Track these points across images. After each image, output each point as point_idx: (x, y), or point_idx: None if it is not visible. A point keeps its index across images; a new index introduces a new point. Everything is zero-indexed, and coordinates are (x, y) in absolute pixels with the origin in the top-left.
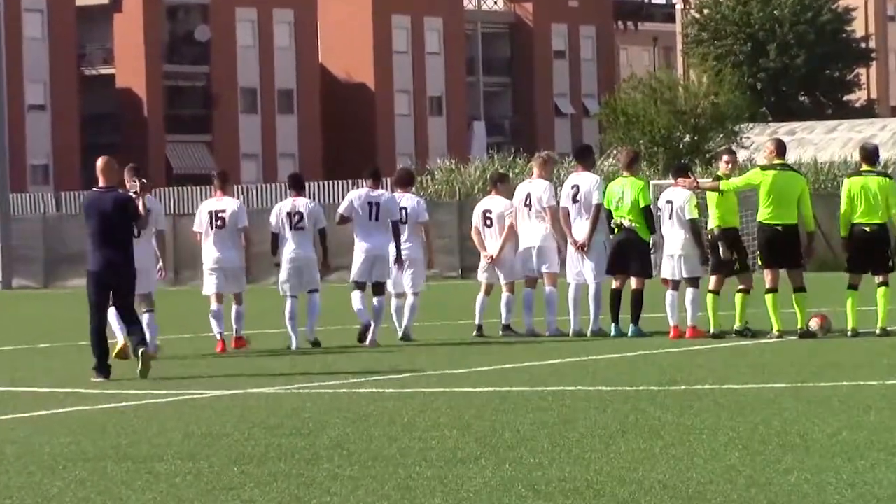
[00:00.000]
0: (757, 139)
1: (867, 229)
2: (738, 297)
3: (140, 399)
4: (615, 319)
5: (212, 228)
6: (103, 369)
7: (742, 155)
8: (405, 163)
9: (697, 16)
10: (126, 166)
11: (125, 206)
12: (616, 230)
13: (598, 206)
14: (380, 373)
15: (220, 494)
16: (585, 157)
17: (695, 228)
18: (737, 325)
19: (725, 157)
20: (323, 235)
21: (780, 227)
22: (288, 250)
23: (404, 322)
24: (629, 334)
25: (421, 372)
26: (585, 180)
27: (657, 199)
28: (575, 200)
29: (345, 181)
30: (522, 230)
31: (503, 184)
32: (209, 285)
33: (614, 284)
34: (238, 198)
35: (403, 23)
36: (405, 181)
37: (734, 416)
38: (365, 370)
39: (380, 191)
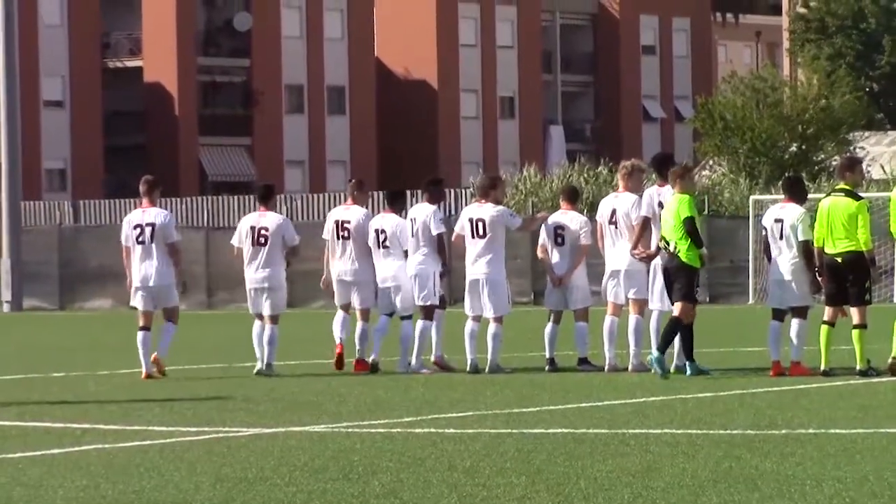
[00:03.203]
0: (873, 150)
1: None
2: (856, 333)
3: (167, 437)
4: (689, 356)
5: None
6: None
7: None
8: (472, 172)
9: (804, 11)
10: (159, 174)
11: None
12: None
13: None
14: (438, 410)
15: None
16: (663, 169)
17: (807, 251)
18: (859, 366)
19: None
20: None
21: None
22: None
23: (468, 354)
24: (687, 373)
25: (486, 411)
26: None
27: (760, 217)
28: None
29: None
30: (608, 251)
31: (575, 198)
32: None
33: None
34: (280, 210)
35: (472, 12)
36: (485, 191)
37: (841, 466)
38: (421, 407)
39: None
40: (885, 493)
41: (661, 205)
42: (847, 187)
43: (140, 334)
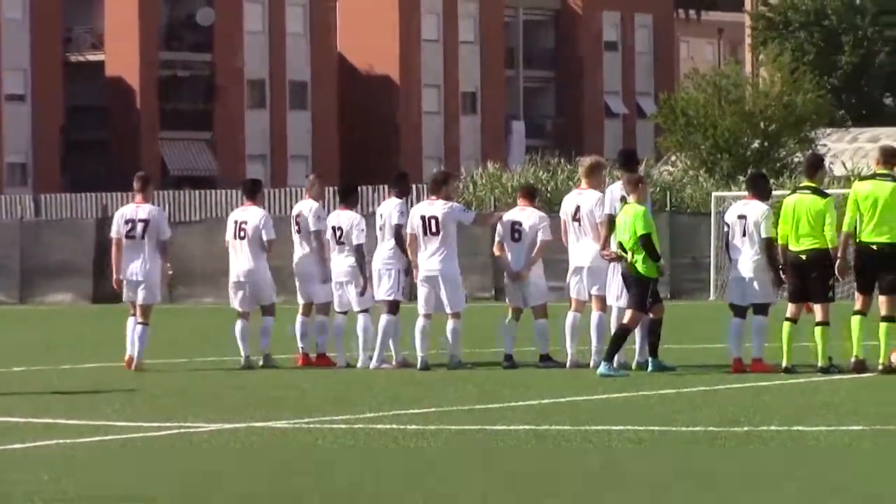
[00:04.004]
0: (834, 147)
1: None
2: (819, 330)
3: (129, 432)
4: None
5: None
6: None
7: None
8: (434, 167)
9: (764, 9)
10: (119, 169)
11: None
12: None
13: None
14: (400, 406)
15: None
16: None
17: (770, 248)
18: (820, 363)
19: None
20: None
21: (874, 246)
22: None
23: (419, 352)
24: (650, 369)
25: (448, 406)
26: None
27: (722, 213)
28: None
29: (361, 187)
30: (572, 248)
31: (533, 196)
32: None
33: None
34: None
35: (434, 7)
36: (436, 186)
37: (803, 463)
38: (383, 403)
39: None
40: (848, 490)
41: (623, 199)
42: (813, 185)
43: (138, 328)
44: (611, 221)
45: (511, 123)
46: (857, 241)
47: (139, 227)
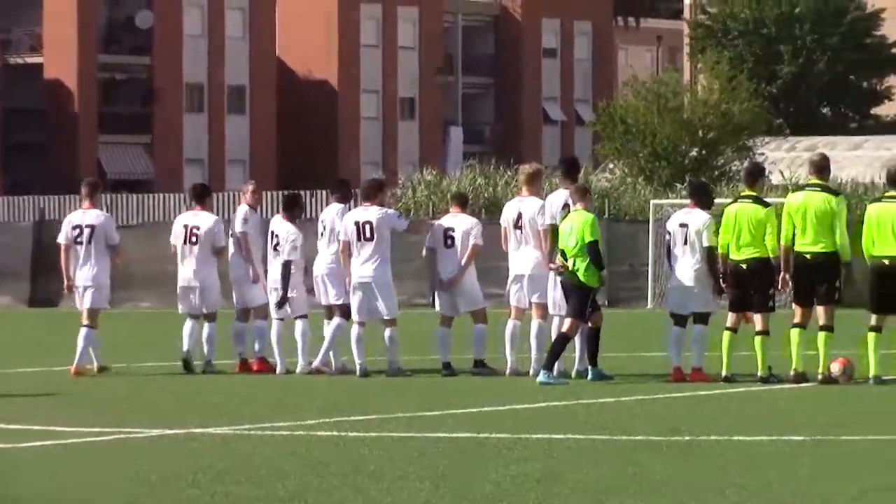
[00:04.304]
0: (772, 155)
1: (887, 263)
2: (758, 339)
3: (70, 437)
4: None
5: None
6: None
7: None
8: (372, 172)
9: (703, 17)
10: (57, 171)
11: None
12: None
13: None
14: (341, 413)
15: None
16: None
17: (711, 257)
18: (760, 373)
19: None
20: None
21: (808, 256)
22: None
23: (357, 359)
24: (589, 377)
25: (388, 413)
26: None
27: (660, 221)
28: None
29: (300, 192)
30: (512, 255)
31: (465, 204)
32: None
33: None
34: (179, 209)
35: (373, 12)
36: (371, 193)
37: (744, 473)
38: (323, 410)
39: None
40: (789, 499)
41: (566, 206)
42: (754, 193)
43: (83, 330)
44: (554, 231)
45: (449, 129)
46: (794, 252)
47: (86, 232)
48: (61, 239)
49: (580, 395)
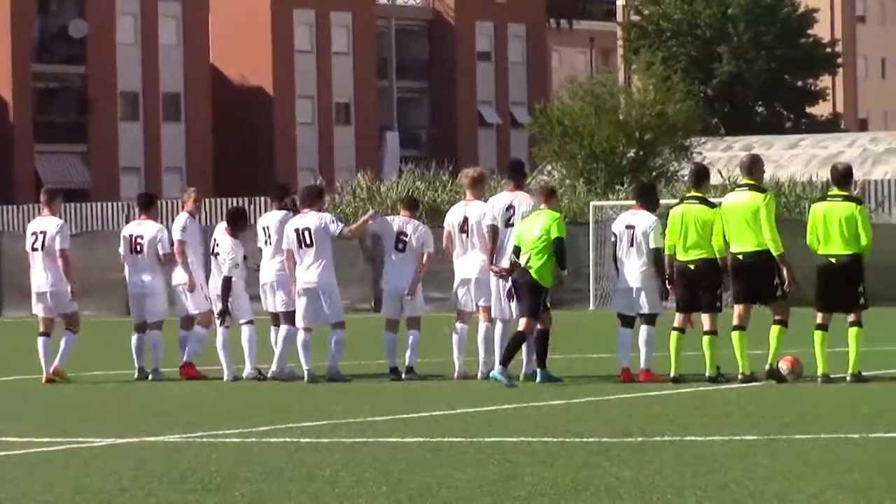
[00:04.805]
0: (710, 155)
1: (834, 262)
2: (706, 339)
3: (21, 448)
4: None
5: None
6: None
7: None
8: (309, 178)
9: (637, 18)
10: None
11: None
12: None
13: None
14: (292, 419)
15: None
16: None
17: (658, 259)
18: (708, 373)
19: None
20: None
21: (741, 256)
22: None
23: (304, 364)
24: (538, 380)
25: (339, 419)
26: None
27: (600, 223)
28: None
29: (238, 198)
30: (458, 259)
31: (415, 208)
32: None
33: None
34: (119, 218)
35: (307, 18)
36: (310, 200)
37: (700, 474)
38: (275, 416)
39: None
40: (747, 500)
41: (511, 207)
42: (700, 194)
43: (39, 339)
44: (494, 232)
45: (385, 134)
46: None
47: (40, 238)
48: (27, 246)
49: (530, 398)
